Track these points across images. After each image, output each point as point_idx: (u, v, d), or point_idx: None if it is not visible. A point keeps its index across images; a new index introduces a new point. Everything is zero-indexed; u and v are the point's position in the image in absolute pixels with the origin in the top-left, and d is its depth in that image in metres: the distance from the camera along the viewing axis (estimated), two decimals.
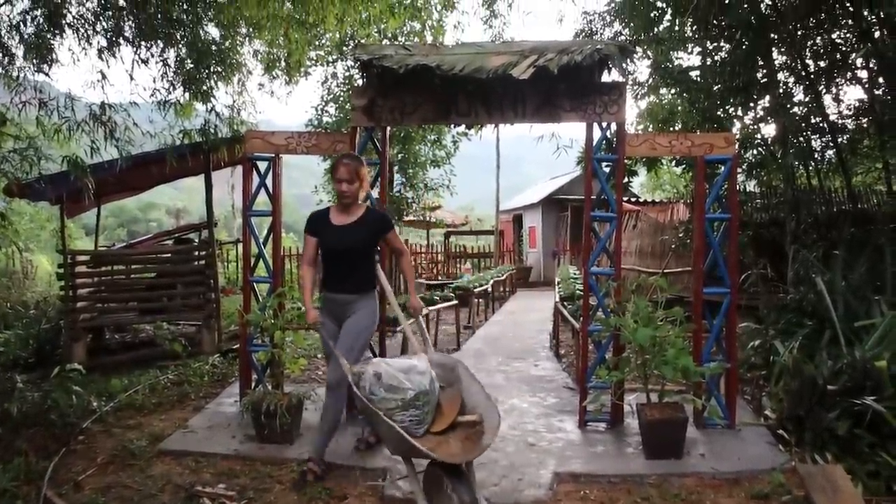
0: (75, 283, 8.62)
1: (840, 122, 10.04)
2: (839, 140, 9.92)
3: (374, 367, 3.89)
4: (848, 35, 9.47)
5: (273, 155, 5.98)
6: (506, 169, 25.65)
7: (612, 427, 5.60)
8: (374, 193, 6.09)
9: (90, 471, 4.80)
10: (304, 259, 4.86)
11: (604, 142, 5.74)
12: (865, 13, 8.58)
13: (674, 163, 11.48)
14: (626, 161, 5.92)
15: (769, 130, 10.20)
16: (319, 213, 4.91)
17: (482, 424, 3.76)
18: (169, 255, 10.03)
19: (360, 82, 6.36)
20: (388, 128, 6.22)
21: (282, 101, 54.70)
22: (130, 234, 44.57)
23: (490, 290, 14.75)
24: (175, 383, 7.28)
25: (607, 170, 5.81)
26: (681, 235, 11.71)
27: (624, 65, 5.79)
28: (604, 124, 5.64)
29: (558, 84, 5.40)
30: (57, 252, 10.93)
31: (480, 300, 14.21)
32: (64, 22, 6.87)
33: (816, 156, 10.37)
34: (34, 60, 6.70)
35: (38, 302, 12.06)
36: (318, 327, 4.62)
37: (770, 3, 9.60)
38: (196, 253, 9.52)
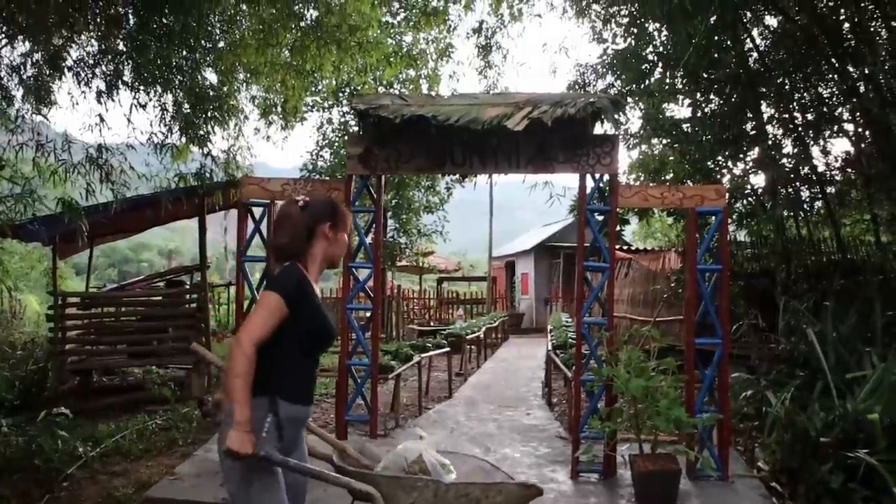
0: (65, 325, 8.56)
1: (828, 173, 10.20)
2: (827, 191, 10.06)
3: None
4: (834, 89, 9.68)
5: (268, 201, 6.02)
6: (499, 215, 25.81)
7: (605, 478, 5.55)
8: (368, 241, 6.12)
9: None
10: (257, 335, 2.64)
11: (596, 192, 5.81)
12: (851, 69, 8.79)
13: (665, 212, 11.59)
14: (618, 211, 5.99)
15: (759, 181, 10.35)
16: (303, 274, 2.89)
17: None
18: (160, 297, 9.99)
19: (355, 129, 6.45)
20: (384, 176, 6.29)
21: (277, 145, 55.16)
22: (121, 274, 44.41)
23: (482, 336, 14.69)
24: (163, 428, 7.18)
25: (600, 219, 5.87)
26: (672, 285, 11.76)
27: (616, 117, 5.90)
28: (596, 175, 5.71)
29: (552, 135, 5.49)
30: (47, 293, 10.88)
31: (473, 347, 14.15)
32: (64, 65, 6.97)
33: (805, 206, 10.50)
34: (33, 102, 6.78)
35: (25, 343, 11.94)
36: (259, 464, 2.63)
37: (758, 57, 9.84)
38: (188, 296, 9.49)
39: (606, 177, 5.78)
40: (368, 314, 6.63)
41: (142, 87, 7.38)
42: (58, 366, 8.22)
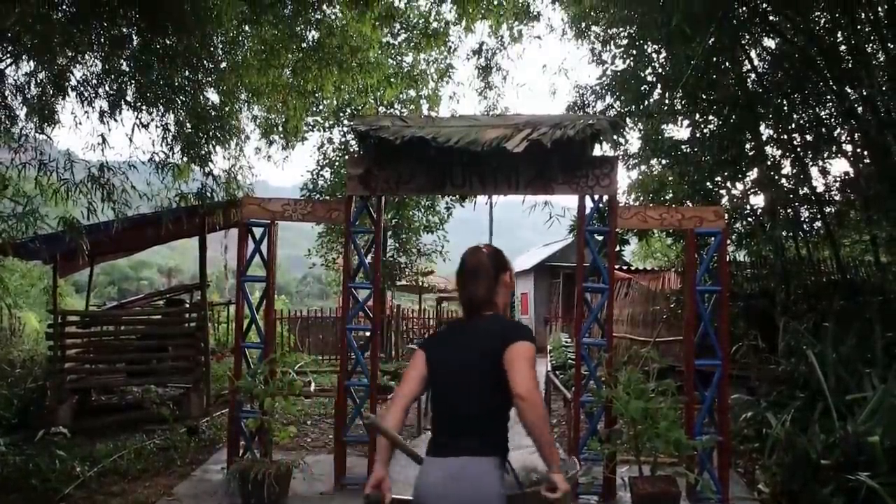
0: (64, 344, 8.55)
1: (827, 194, 10.23)
2: (826, 212, 10.08)
3: None
4: (832, 111, 9.73)
5: (269, 221, 6.04)
6: (499, 234, 25.81)
7: (604, 501, 5.53)
8: (367, 261, 6.14)
9: None
10: None
11: (596, 213, 5.84)
12: (848, 91, 8.85)
13: (664, 233, 11.61)
14: (617, 231, 6.01)
15: (758, 201, 10.38)
16: None
17: None
18: (160, 316, 9.99)
19: (356, 148, 6.49)
20: (384, 196, 6.31)
21: (278, 165, 55.33)
22: (121, 292, 44.37)
23: None
24: (161, 448, 7.15)
25: (599, 239, 5.89)
26: (672, 305, 11.75)
27: (616, 138, 5.94)
28: (596, 197, 5.74)
29: (551, 157, 5.52)
30: (47, 311, 10.87)
31: None
32: (67, 84, 7.02)
33: (805, 227, 10.52)
34: (36, 121, 6.82)
35: (24, 360, 11.90)
36: None
37: (756, 79, 9.91)
38: (187, 315, 9.48)
39: (606, 198, 5.82)
40: (368, 334, 6.63)
41: (144, 107, 7.43)
42: (56, 384, 8.19)
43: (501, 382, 2.56)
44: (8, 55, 6.97)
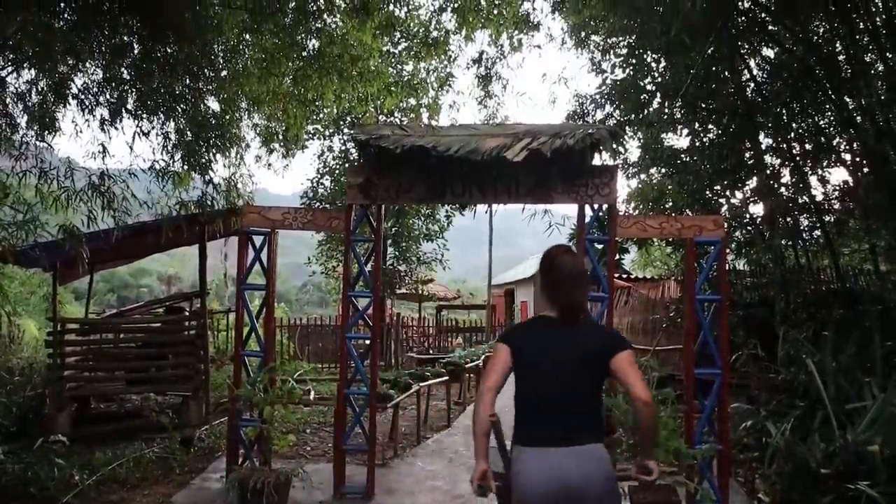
0: (63, 351, 8.54)
1: (826, 203, 10.25)
2: (826, 220, 10.10)
3: None
4: (832, 119, 9.76)
5: (269, 230, 6.05)
6: (499, 242, 25.87)
7: None
8: (367, 269, 6.14)
9: None
10: None
11: (595, 222, 5.85)
12: (847, 100, 8.87)
13: (664, 242, 11.63)
14: (617, 240, 6.02)
15: (758, 210, 10.40)
16: None
17: None
18: (160, 324, 9.98)
19: (356, 156, 6.51)
20: (384, 205, 6.32)
21: (278, 173, 55.32)
22: (121, 299, 44.35)
23: (482, 364, 14.63)
24: (160, 457, 7.14)
25: (599, 248, 5.90)
26: (671, 315, 11.75)
27: (615, 147, 5.96)
28: (595, 205, 5.75)
29: (551, 166, 5.53)
30: (47, 319, 10.85)
31: (472, 375, 14.09)
32: (68, 92, 7.04)
33: (804, 235, 10.53)
34: (37, 129, 6.83)
35: (23, 368, 11.88)
36: None
37: (755, 88, 9.94)
38: (187, 323, 9.48)
39: (605, 206, 5.83)
40: (367, 342, 6.62)
41: (145, 115, 7.44)
42: (55, 392, 8.18)
43: (602, 382, 3.18)
44: (9, 63, 7.00)
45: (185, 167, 7.69)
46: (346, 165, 15.27)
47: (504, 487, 3.03)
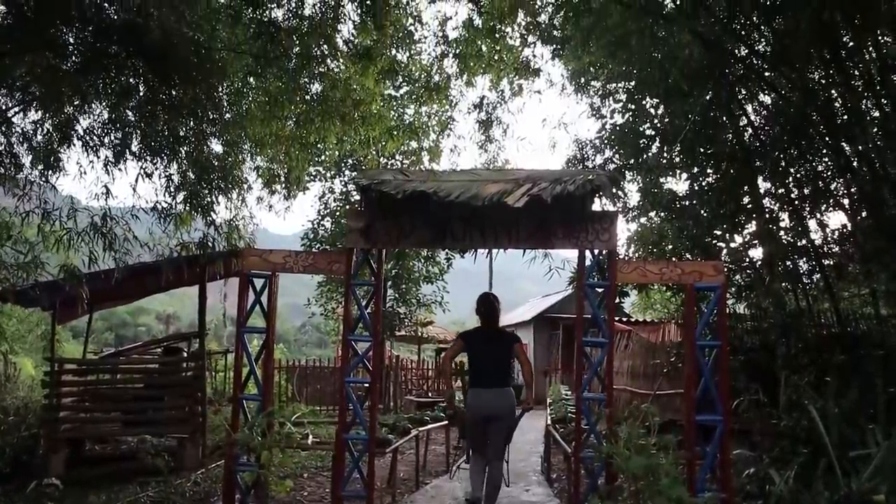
0: (60, 392, 8.48)
1: (825, 247, 10.26)
2: (825, 264, 10.10)
3: None
4: (829, 164, 9.83)
5: (270, 273, 6.05)
6: (499, 285, 25.71)
7: None
8: (368, 311, 6.13)
9: None
10: None
11: (595, 267, 5.86)
12: (844, 145, 8.96)
13: (664, 286, 11.63)
14: (617, 284, 6.02)
15: (757, 254, 10.41)
16: None
17: None
18: (157, 365, 9.92)
19: (357, 198, 6.55)
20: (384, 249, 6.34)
21: (279, 214, 55.41)
22: (119, 338, 44.17)
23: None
24: (155, 501, 7.03)
25: (599, 292, 5.90)
26: (672, 359, 11.69)
27: (615, 192, 6.02)
28: (595, 251, 5.77)
29: (551, 212, 5.56)
30: (44, 358, 10.80)
31: None
32: (73, 133, 7.12)
33: (804, 279, 10.52)
34: (41, 168, 6.89)
35: (18, 408, 11.76)
36: None
37: (753, 133, 10.04)
38: (185, 364, 9.42)
39: (605, 251, 5.84)
40: (367, 385, 6.58)
41: (149, 157, 7.51)
42: (50, 433, 8.09)
43: (510, 358, 6.34)
44: (17, 104, 7.09)
45: (187, 208, 7.74)
46: (347, 207, 15.34)
47: (458, 412, 6.74)
